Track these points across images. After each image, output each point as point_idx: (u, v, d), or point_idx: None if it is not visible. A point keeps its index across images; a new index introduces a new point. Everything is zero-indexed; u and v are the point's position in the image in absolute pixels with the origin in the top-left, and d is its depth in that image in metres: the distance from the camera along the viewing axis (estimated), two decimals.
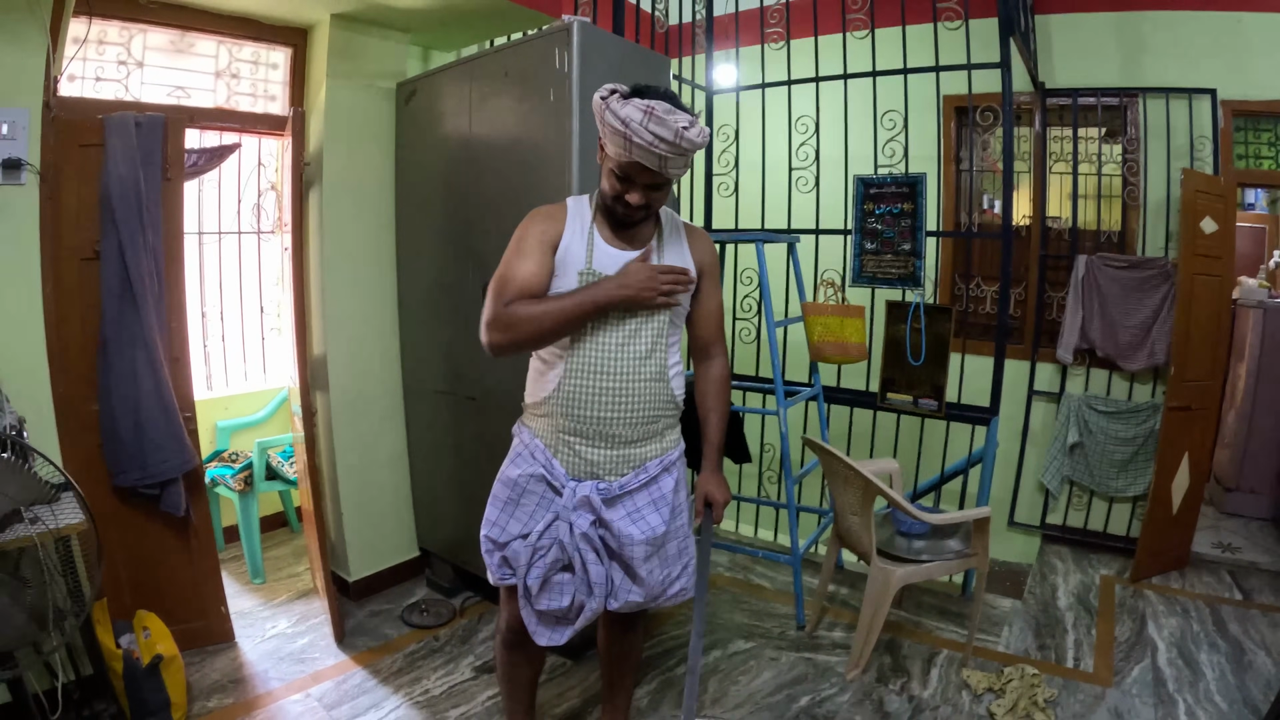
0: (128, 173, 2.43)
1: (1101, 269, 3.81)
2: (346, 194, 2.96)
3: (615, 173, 1.67)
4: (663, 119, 1.54)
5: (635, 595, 1.87)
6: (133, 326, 2.46)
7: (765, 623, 3.18)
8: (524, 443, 1.87)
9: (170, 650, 2.36)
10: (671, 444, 1.91)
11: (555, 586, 1.82)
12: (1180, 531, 3.70)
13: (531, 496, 1.83)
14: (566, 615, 1.85)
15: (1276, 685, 2.66)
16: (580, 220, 1.78)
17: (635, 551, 1.81)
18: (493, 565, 1.87)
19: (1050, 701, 2.61)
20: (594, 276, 1.72)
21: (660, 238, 1.83)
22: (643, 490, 1.84)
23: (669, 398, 1.83)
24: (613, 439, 1.78)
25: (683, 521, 1.94)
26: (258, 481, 3.29)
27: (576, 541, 1.78)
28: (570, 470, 1.81)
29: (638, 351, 1.76)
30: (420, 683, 2.66)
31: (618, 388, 1.75)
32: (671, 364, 1.84)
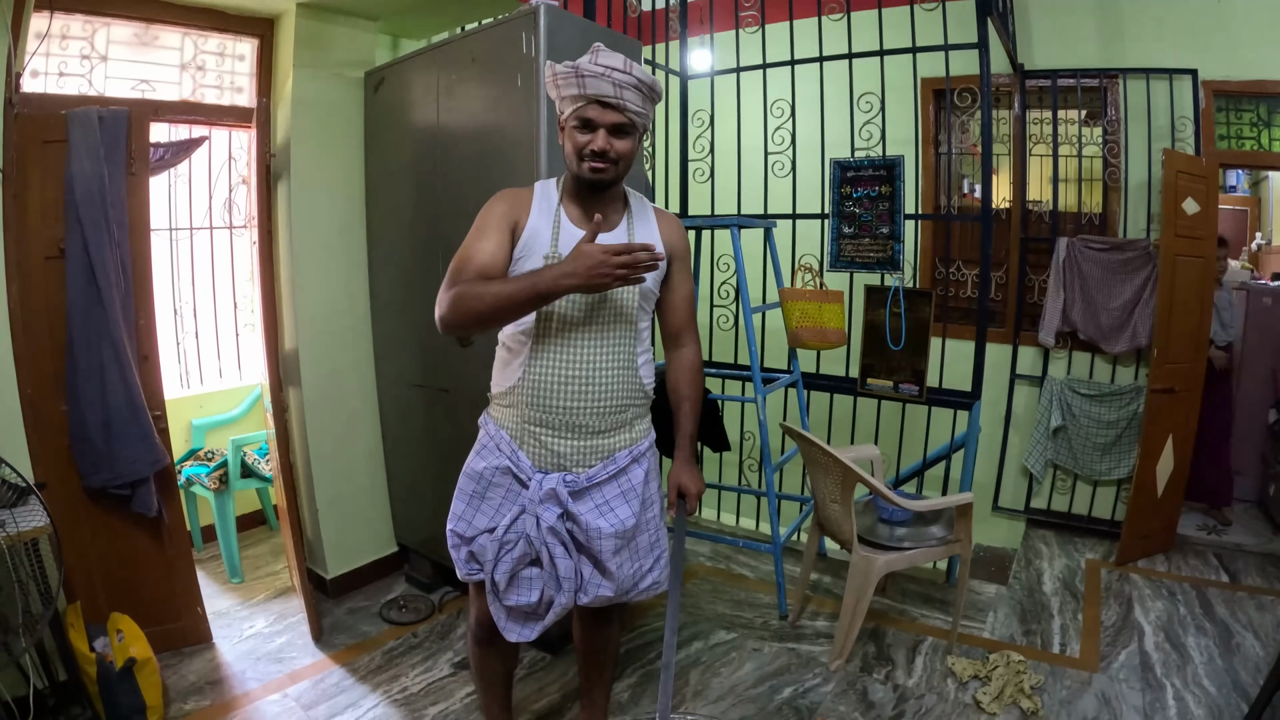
0: (92, 168, 2.38)
1: (1083, 251, 3.80)
2: (315, 185, 2.91)
3: (576, 125, 1.65)
4: (609, 53, 1.62)
5: (605, 590, 1.82)
6: (100, 325, 2.41)
7: (747, 613, 3.16)
8: (489, 434, 1.82)
9: (144, 653, 2.32)
10: (641, 434, 1.87)
11: (523, 581, 1.78)
12: (1165, 514, 3.70)
13: (498, 489, 1.79)
14: (536, 611, 1.81)
15: (1265, 668, 2.66)
16: (547, 202, 1.75)
17: (604, 545, 1.77)
18: (459, 560, 1.84)
19: (1036, 688, 2.59)
20: (557, 259, 1.67)
21: (630, 219, 1.80)
22: (611, 482, 1.80)
23: (638, 387, 1.80)
24: (580, 429, 1.74)
25: (654, 513, 1.91)
26: (233, 480, 3.25)
27: (543, 535, 1.74)
28: (536, 462, 1.77)
29: (607, 339, 1.72)
30: (399, 680, 2.63)
31: (584, 376, 1.71)
32: (640, 352, 1.80)
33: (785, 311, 3.37)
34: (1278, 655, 2.23)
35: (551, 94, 1.69)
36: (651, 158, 3.88)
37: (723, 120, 3.99)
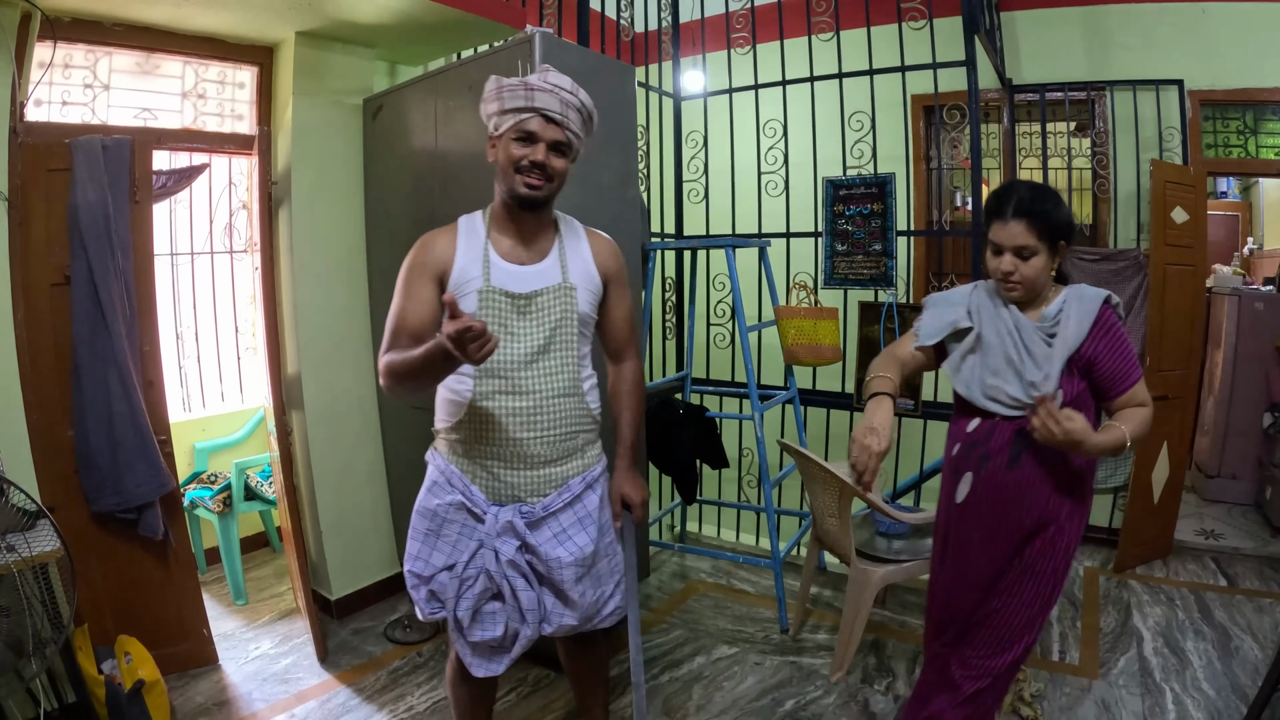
0: (96, 196, 2.42)
1: (1074, 262, 3.77)
2: (316, 211, 2.95)
3: (516, 138, 1.64)
4: (558, 74, 1.67)
5: (568, 619, 1.82)
6: (105, 351, 2.44)
7: (748, 627, 3.18)
8: (439, 470, 1.80)
9: (153, 675, 2.34)
10: (593, 460, 1.87)
11: (487, 616, 1.78)
12: (1162, 520, 3.72)
13: (453, 526, 1.77)
14: (502, 644, 1.81)
15: (1263, 670, 2.67)
16: (474, 237, 1.73)
17: (565, 574, 1.77)
18: (420, 600, 1.81)
19: (1036, 696, 2.61)
20: (493, 296, 1.67)
21: (560, 245, 1.79)
22: (567, 510, 1.80)
23: (585, 412, 1.80)
24: (531, 459, 1.74)
25: (611, 538, 1.91)
26: (237, 502, 3.28)
27: (503, 569, 1.74)
28: (490, 495, 1.76)
29: (548, 367, 1.72)
30: (404, 699, 2.64)
31: (531, 406, 1.71)
32: (585, 377, 1.80)
33: (781, 329, 3.41)
34: (1275, 656, 2.24)
35: (489, 109, 1.67)
36: (646, 179, 3.93)
37: (716, 141, 4.04)
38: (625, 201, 2.79)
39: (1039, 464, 1.83)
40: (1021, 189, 1.76)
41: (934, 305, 2.01)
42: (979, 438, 1.90)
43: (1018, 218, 1.71)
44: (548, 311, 1.72)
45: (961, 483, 1.95)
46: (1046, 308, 1.83)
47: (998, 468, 1.87)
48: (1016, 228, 1.72)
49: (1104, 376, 1.79)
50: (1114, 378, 1.79)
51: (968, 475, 1.93)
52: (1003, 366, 1.83)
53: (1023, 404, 1.79)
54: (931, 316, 1.98)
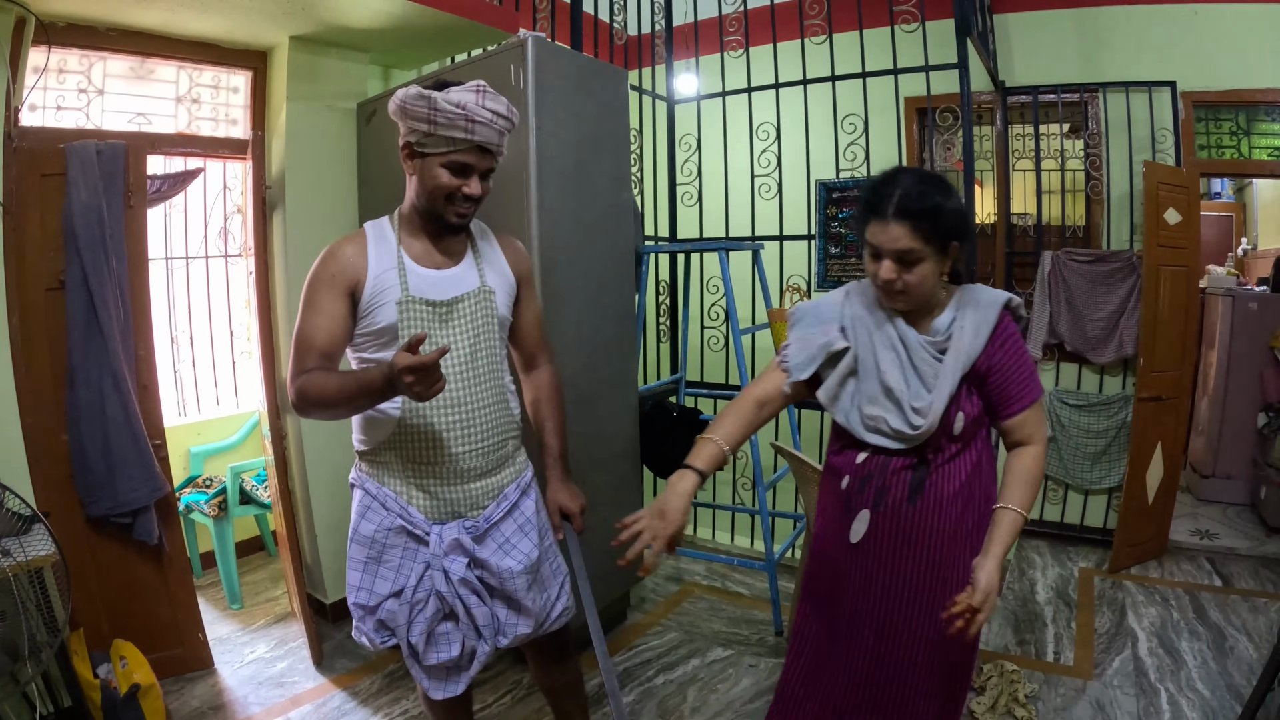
0: (90, 201, 2.42)
1: (1067, 264, 3.85)
2: (310, 216, 2.95)
3: (450, 167, 1.57)
4: (493, 95, 1.56)
5: (523, 628, 1.80)
6: (99, 355, 2.45)
7: (743, 629, 3.18)
8: (370, 494, 1.71)
9: (148, 679, 2.34)
10: (522, 465, 1.85)
11: (441, 638, 1.73)
12: (1157, 521, 3.74)
13: (394, 551, 1.70)
14: (459, 664, 1.76)
15: (1258, 669, 2.68)
16: (385, 245, 1.65)
17: (518, 583, 1.75)
18: (368, 631, 1.75)
19: (1031, 697, 2.62)
20: (413, 305, 1.60)
21: (474, 249, 1.75)
22: (507, 519, 1.78)
23: (511, 418, 1.77)
24: (468, 473, 1.69)
25: (550, 541, 1.89)
26: (232, 507, 3.27)
27: (455, 589, 1.69)
28: (429, 514, 1.70)
29: (477, 375, 1.68)
30: (400, 703, 2.64)
31: (464, 419, 1.66)
32: (508, 383, 1.77)
33: (775, 332, 3.41)
34: (1270, 656, 2.25)
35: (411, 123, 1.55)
36: (640, 182, 3.94)
37: (709, 144, 4.05)
38: (619, 205, 2.79)
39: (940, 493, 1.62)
40: (905, 180, 1.48)
41: (801, 323, 1.70)
42: (872, 470, 1.65)
43: (900, 219, 1.45)
44: (470, 318, 1.68)
45: (856, 522, 1.68)
46: (938, 318, 1.59)
47: (898, 501, 1.63)
48: (898, 230, 1.45)
49: (998, 393, 1.58)
50: (1009, 395, 1.57)
51: (863, 513, 1.66)
52: (879, 395, 1.59)
53: (907, 436, 1.57)
54: (799, 341, 1.68)
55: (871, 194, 1.51)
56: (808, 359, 1.64)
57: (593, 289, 2.68)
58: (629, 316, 2.92)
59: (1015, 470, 1.58)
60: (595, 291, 2.70)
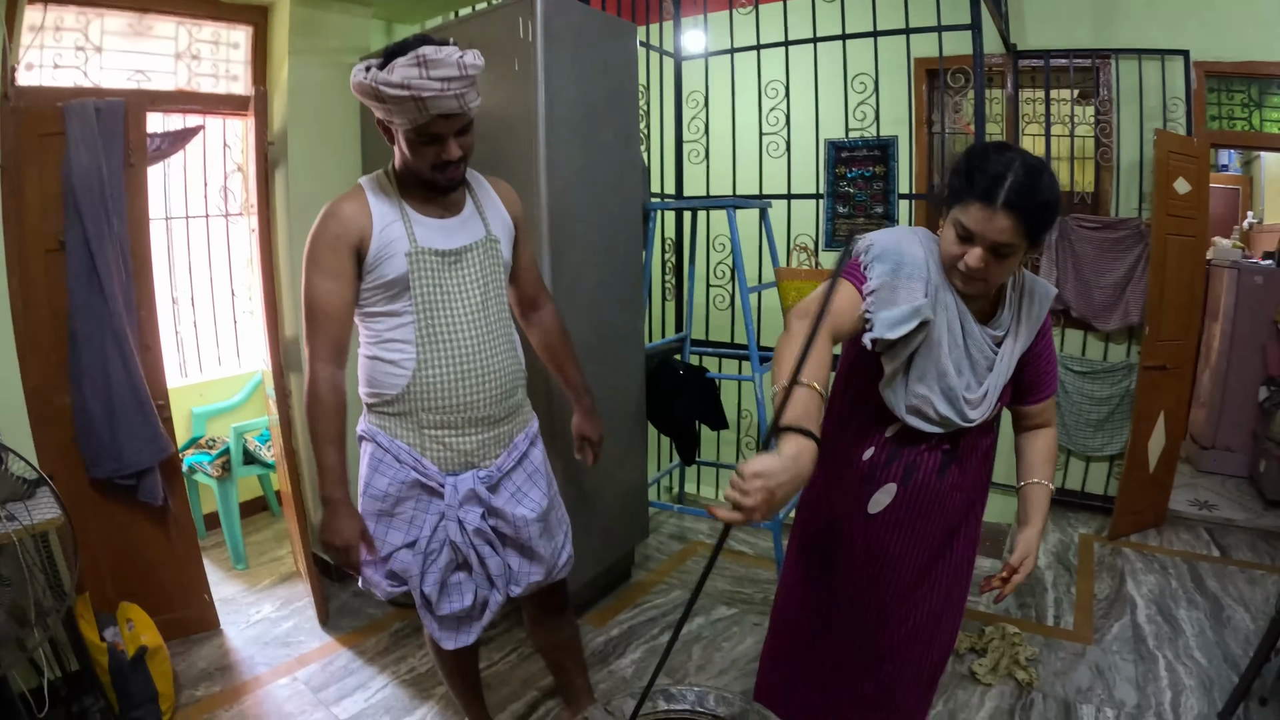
0: (90, 160, 2.39)
1: (1075, 230, 3.82)
2: (312, 172, 2.90)
3: (421, 140, 1.53)
4: (438, 60, 1.44)
5: (535, 575, 1.83)
6: (101, 316, 2.42)
7: (747, 588, 3.20)
8: (382, 447, 1.70)
9: (155, 641, 2.35)
10: (529, 415, 1.87)
11: (454, 588, 1.75)
12: (1157, 490, 3.75)
13: (407, 504, 1.70)
14: (470, 614, 1.78)
15: (1255, 640, 2.71)
16: (386, 201, 1.62)
17: (532, 531, 1.77)
18: (379, 581, 1.76)
19: (1032, 660, 2.64)
20: (423, 256, 1.60)
21: (473, 197, 1.74)
22: (518, 469, 1.80)
23: (519, 366, 1.78)
24: (482, 423, 1.70)
25: (555, 489, 1.91)
26: (235, 467, 3.27)
27: (470, 539, 1.71)
28: (443, 465, 1.70)
29: (489, 324, 1.68)
30: (405, 661, 2.66)
31: (478, 368, 1.66)
32: (514, 331, 1.79)
33: (781, 291, 3.39)
34: (1268, 628, 2.26)
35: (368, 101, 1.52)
36: (646, 139, 3.89)
37: (717, 101, 4.00)
38: (625, 161, 2.76)
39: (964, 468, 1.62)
40: (1017, 168, 1.31)
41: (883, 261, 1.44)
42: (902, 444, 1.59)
43: (1010, 210, 1.30)
44: (479, 267, 1.68)
45: (879, 494, 1.63)
46: (1000, 311, 1.51)
47: (928, 476, 1.60)
48: (1005, 221, 1.30)
49: (1031, 380, 1.57)
50: (1040, 383, 1.58)
51: (889, 486, 1.62)
52: (932, 377, 1.48)
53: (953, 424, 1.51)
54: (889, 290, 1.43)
55: (977, 175, 1.34)
56: (899, 319, 1.41)
57: (601, 245, 2.66)
58: (636, 273, 2.90)
59: (1040, 450, 1.62)
60: (604, 248, 2.68)
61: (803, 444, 1.17)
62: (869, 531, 1.66)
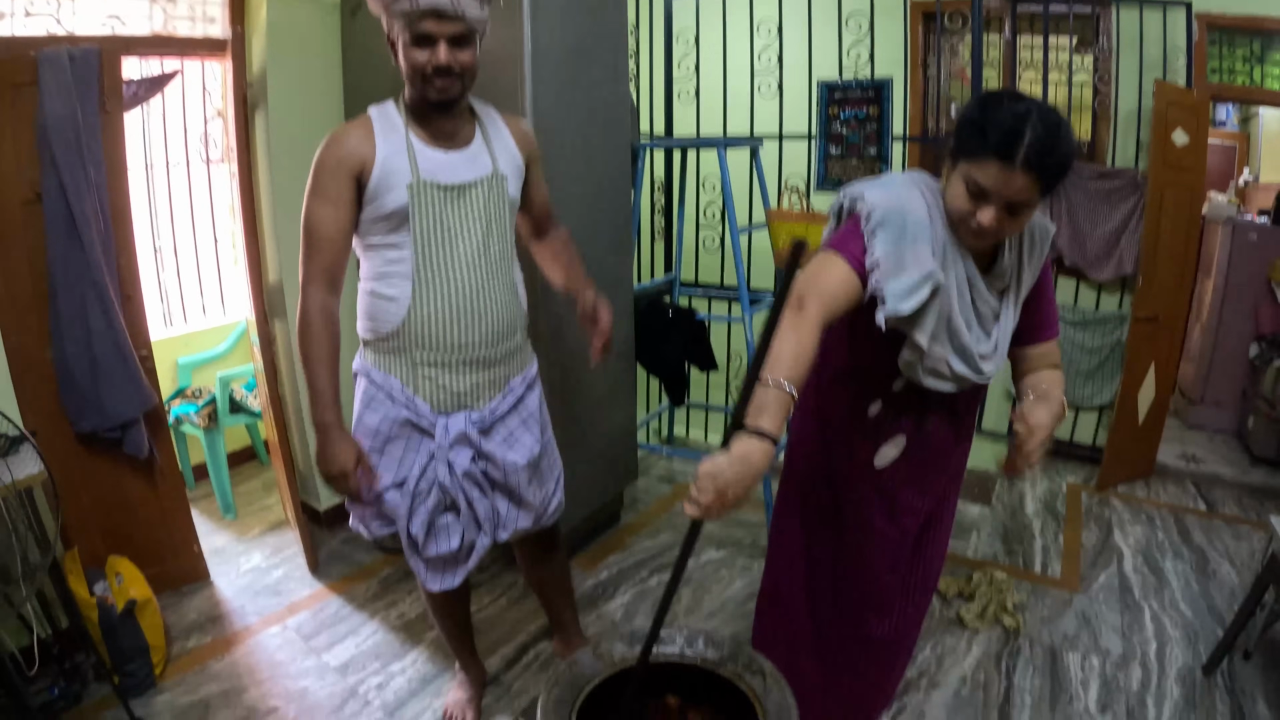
0: (64, 109, 2.31)
1: (1071, 178, 3.77)
2: (293, 115, 2.83)
3: (413, 41, 1.50)
4: None
5: (523, 521, 1.82)
6: (80, 268, 2.37)
7: (736, 532, 3.22)
8: (375, 384, 1.69)
9: (144, 594, 2.34)
10: (528, 358, 1.84)
11: (441, 531, 1.74)
12: (1146, 442, 3.77)
13: (398, 443, 1.69)
14: (458, 557, 1.78)
15: (1240, 594, 2.74)
16: (392, 131, 1.60)
17: (520, 477, 1.76)
18: (367, 521, 1.77)
19: (1019, 606, 2.67)
20: (425, 189, 1.56)
21: (483, 131, 1.69)
22: (513, 413, 1.77)
23: (519, 308, 1.75)
24: (477, 363, 1.67)
25: (549, 436, 1.90)
26: (222, 416, 3.24)
27: (459, 481, 1.69)
28: (435, 405, 1.68)
29: (489, 263, 1.65)
30: (396, 606, 2.68)
31: (475, 308, 1.63)
32: (517, 272, 1.76)
33: (772, 232, 3.33)
34: (1253, 583, 2.28)
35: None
36: (636, 78, 3.81)
37: (708, 40, 3.91)
38: (614, 100, 2.70)
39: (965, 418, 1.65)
40: (1035, 123, 1.22)
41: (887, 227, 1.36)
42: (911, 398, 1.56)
43: (1029, 169, 1.22)
44: (483, 205, 1.64)
45: (887, 447, 1.62)
46: (1001, 256, 1.44)
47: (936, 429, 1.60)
48: (1023, 181, 1.23)
49: (1031, 322, 1.51)
50: (1042, 322, 1.52)
51: (899, 438, 1.61)
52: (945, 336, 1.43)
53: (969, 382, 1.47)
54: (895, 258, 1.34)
55: (992, 129, 1.25)
56: (911, 288, 1.33)
57: (590, 185, 2.62)
58: (625, 214, 2.86)
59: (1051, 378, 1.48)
60: (592, 188, 2.63)
61: (753, 444, 1.15)
62: (878, 484, 1.65)
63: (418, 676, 2.37)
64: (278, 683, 2.33)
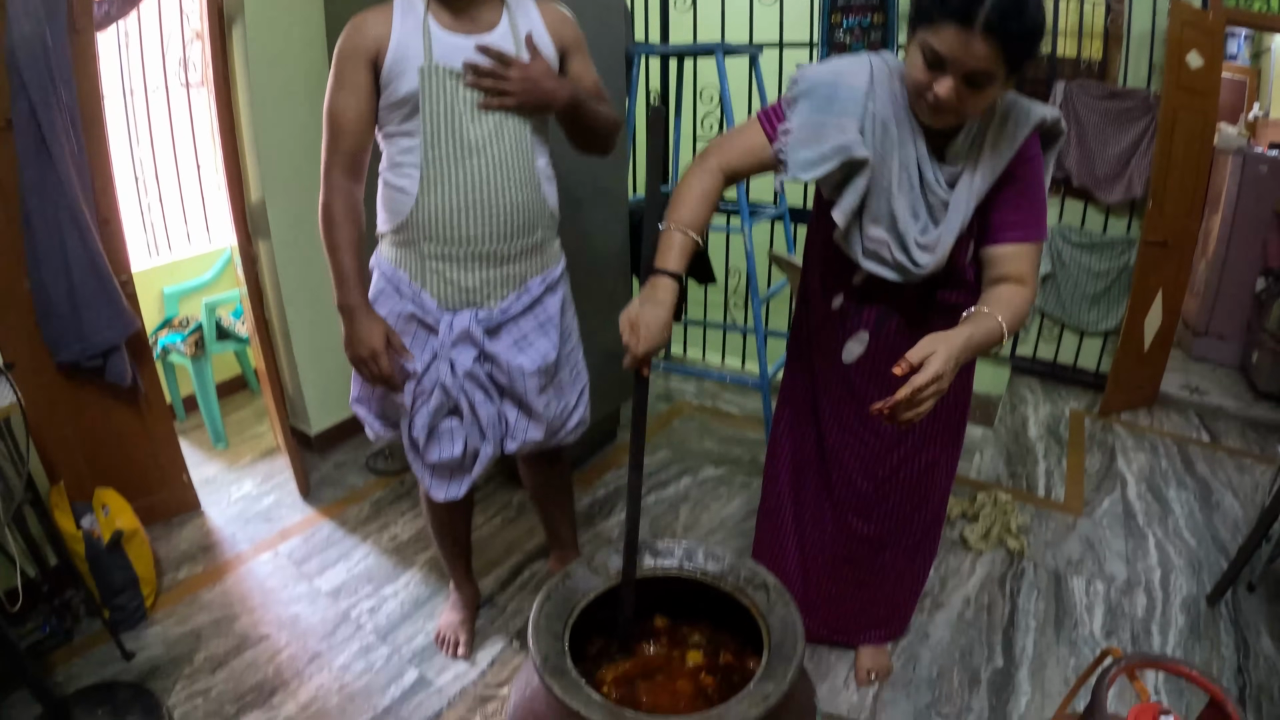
0: (32, 30, 2.19)
1: (1080, 97, 3.66)
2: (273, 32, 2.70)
3: None
4: None
5: (534, 433, 1.75)
6: (54, 193, 2.27)
7: (735, 449, 3.19)
8: (385, 277, 1.66)
9: (131, 524, 2.29)
10: (552, 259, 1.75)
11: (444, 435, 1.69)
12: (1150, 369, 3.72)
13: (403, 338, 1.65)
14: (461, 464, 1.73)
15: (1244, 526, 2.72)
16: (411, 14, 1.53)
17: (528, 384, 1.68)
18: (371, 419, 1.74)
19: (1023, 528, 2.64)
20: (437, 74, 1.49)
21: (509, 15, 1.59)
22: (527, 315, 1.69)
23: (543, 205, 1.65)
24: (488, 258, 1.60)
25: (573, 346, 1.82)
26: (209, 343, 3.17)
27: (460, 382, 1.64)
28: (442, 301, 1.63)
29: (502, 153, 1.56)
30: (388, 529, 2.65)
31: (484, 199, 1.55)
32: (542, 166, 1.65)
33: None
34: (1259, 516, 2.24)
35: None
36: None
37: None
38: (606, 3, 2.57)
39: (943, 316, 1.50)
40: None
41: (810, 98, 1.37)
42: (872, 291, 1.53)
43: (990, 35, 1.13)
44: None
45: (852, 342, 1.60)
46: (958, 139, 1.34)
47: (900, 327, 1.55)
48: (983, 48, 1.15)
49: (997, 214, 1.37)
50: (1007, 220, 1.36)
51: (861, 334, 1.59)
52: (884, 218, 1.38)
53: (908, 272, 1.41)
54: (810, 128, 1.36)
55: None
56: (817, 158, 1.34)
57: None
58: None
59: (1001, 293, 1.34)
60: None
61: (659, 280, 1.31)
62: (847, 381, 1.64)
63: (410, 599, 2.35)
64: (269, 610, 2.30)
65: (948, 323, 1.41)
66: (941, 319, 1.47)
